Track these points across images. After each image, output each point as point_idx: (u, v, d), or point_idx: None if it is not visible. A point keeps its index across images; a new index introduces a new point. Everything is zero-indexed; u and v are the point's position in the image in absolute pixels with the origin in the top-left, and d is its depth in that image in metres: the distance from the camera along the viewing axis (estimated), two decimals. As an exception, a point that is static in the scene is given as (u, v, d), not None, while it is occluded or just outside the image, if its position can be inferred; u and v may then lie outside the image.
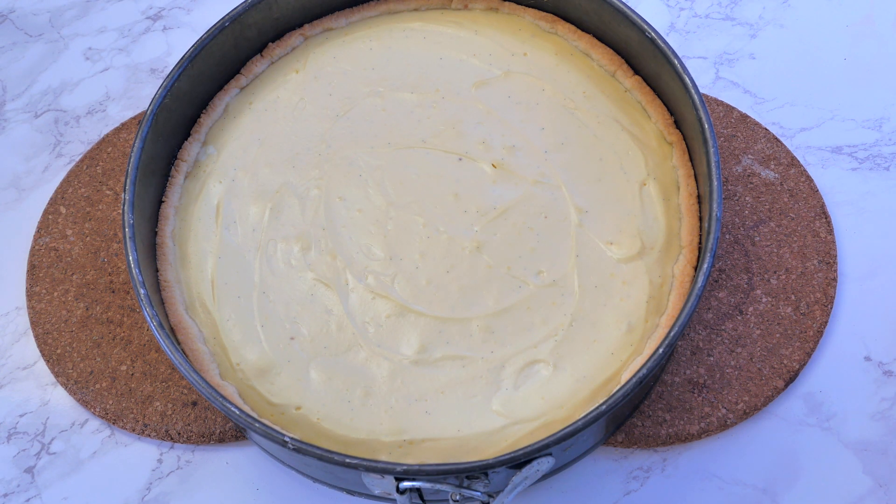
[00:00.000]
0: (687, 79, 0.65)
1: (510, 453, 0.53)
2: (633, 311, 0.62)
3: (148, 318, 0.59)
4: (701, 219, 0.64)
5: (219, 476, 0.68)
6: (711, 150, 0.62)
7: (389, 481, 0.55)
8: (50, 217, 0.79)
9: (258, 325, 0.64)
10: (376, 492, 0.58)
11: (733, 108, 0.80)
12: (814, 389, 0.69)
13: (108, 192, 0.80)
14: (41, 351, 0.73)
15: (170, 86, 0.68)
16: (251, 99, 0.73)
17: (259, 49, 0.75)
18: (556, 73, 0.72)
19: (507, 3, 0.76)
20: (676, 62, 0.65)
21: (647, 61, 0.70)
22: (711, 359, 0.68)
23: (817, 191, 0.76)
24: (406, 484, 0.54)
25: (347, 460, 0.54)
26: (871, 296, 0.72)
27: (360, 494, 0.64)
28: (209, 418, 0.69)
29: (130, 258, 0.61)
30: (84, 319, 0.73)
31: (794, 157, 0.77)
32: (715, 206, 0.60)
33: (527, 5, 0.75)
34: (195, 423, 0.69)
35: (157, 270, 0.66)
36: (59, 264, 0.76)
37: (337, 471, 0.57)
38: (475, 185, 0.68)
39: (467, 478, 0.54)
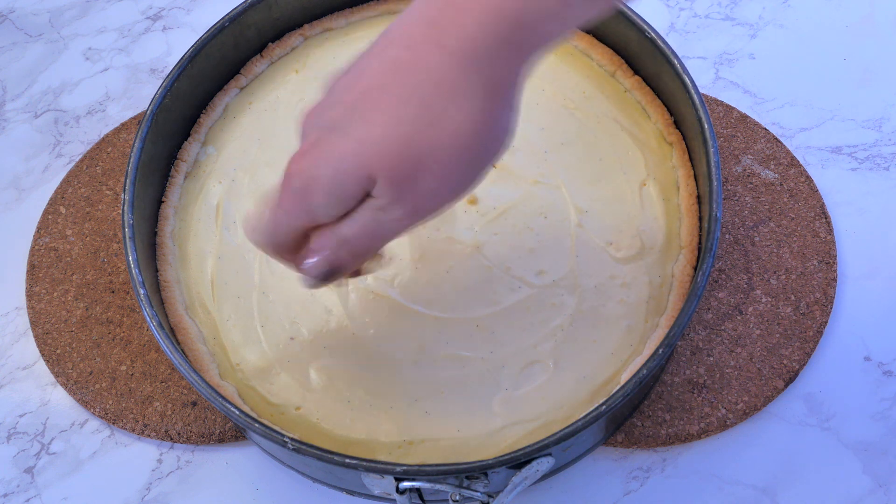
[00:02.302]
0: (687, 79, 0.64)
1: (510, 453, 0.53)
2: (632, 312, 0.62)
3: (148, 319, 0.59)
4: (701, 219, 0.64)
5: (219, 476, 0.68)
6: (711, 151, 0.62)
7: (389, 481, 0.55)
8: (50, 217, 0.79)
9: (258, 325, 0.64)
10: (376, 492, 0.58)
11: (733, 108, 0.80)
12: (814, 389, 0.69)
13: (107, 192, 0.80)
14: (41, 351, 0.73)
15: (170, 86, 0.68)
16: (251, 99, 0.73)
17: (259, 49, 0.75)
18: (555, 73, 0.72)
19: (506, 3, 0.76)
20: (676, 62, 0.65)
21: (646, 61, 0.69)
22: (711, 359, 0.68)
23: (817, 191, 0.76)
24: (406, 484, 0.54)
25: (347, 460, 0.53)
26: (871, 296, 0.72)
27: (360, 495, 0.64)
28: (209, 418, 0.69)
29: (130, 258, 0.61)
30: (84, 319, 0.73)
31: (793, 157, 0.77)
32: (715, 206, 0.60)
33: (527, 5, 0.75)
34: (195, 424, 0.69)
35: (156, 270, 0.66)
36: (59, 264, 0.76)
37: (337, 471, 0.57)
38: (475, 186, 0.68)
39: (467, 478, 0.54)
